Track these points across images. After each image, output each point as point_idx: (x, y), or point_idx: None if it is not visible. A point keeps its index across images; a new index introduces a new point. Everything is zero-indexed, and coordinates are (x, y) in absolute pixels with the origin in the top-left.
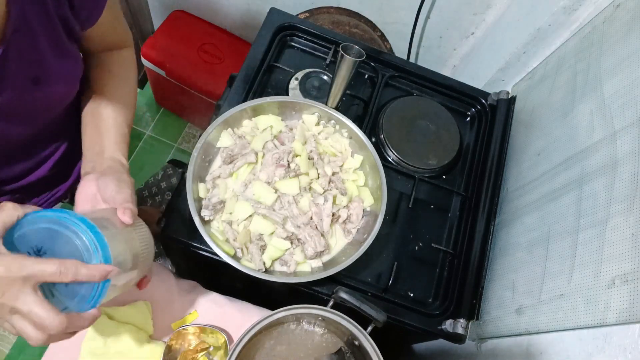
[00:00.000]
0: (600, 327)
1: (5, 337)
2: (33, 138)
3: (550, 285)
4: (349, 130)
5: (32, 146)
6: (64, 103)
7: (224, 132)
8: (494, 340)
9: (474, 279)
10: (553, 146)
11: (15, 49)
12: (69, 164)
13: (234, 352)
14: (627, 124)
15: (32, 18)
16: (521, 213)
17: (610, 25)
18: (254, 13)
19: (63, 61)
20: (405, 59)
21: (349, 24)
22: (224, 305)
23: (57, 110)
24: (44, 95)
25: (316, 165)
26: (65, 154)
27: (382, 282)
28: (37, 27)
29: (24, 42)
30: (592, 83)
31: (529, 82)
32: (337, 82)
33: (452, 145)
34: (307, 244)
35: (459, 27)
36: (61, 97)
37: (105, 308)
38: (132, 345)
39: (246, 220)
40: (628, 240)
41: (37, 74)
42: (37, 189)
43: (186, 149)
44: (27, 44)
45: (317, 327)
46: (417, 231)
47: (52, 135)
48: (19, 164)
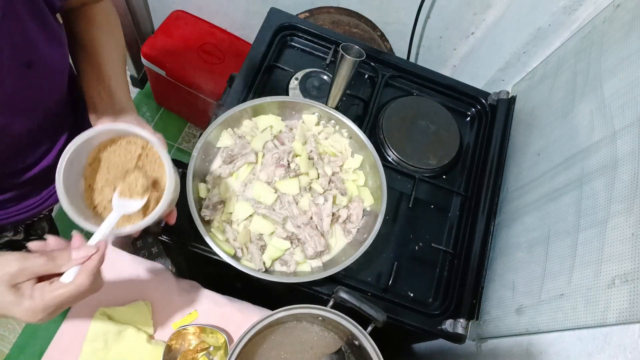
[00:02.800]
0: (600, 327)
1: (5, 337)
2: (37, 129)
3: (550, 285)
4: (349, 130)
5: (37, 137)
6: (60, 88)
7: (224, 132)
8: (494, 340)
9: (474, 279)
10: (553, 146)
11: (5, 34)
12: None
13: (234, 352)
14: (627, 124)
15: (17, 1)
16: (521, 213)
17: (610, 25)
18: (254, 13)
19: (52, 44)
20: (405, 59)
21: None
22: (224, 305)
23: (55, 97)
24: (39, 79)
25: (316, 165)
26: (67, 141)
27: (382, 282)
28: (23, 10)
29: (13, 26)
30: (592, 83)
31: (529, 82)
32: (337, 82)
33: (452, 145)
34: (307, 243)
35: (459, 27)
36: (55, 81)
37: (106, 309)
38: (132, 345)
39: (246, 220)
40: (628, 240)
41: (30, 58)
42: (44, 181)
43: (186, 149)
44: (16, 28)
45: (317, 327)
46: (417, 231)
47: (53, 124)
48: (26, 156)
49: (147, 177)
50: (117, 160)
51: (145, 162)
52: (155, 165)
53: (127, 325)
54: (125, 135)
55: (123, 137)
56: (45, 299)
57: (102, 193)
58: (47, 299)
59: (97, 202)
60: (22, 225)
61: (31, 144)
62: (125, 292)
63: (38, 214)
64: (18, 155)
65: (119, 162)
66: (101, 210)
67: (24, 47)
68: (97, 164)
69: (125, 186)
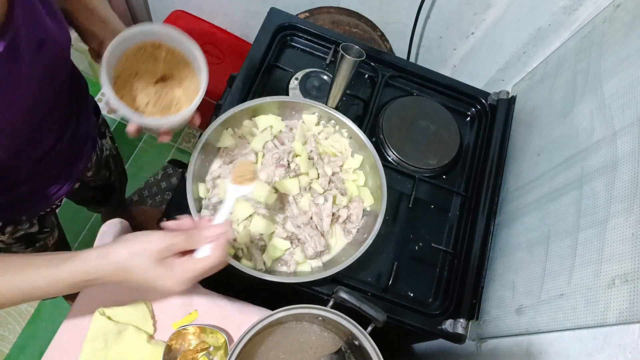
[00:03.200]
0: (600, 327)
1: (5, 337)
2: (48, 110)
3: (550, 285)
4: (349, 130)
5: (48, 120)
6: (65, 68)
7: (224, 132)
8: (494, 340)
9: (474, 279)
10: (553, 146)
11: (20, 11)
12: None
13: (234, 352)
14: (627, 124)
15: None
16: (521, 213)
17: (610, 25)
18: (254, 13)
19: (55, 22)
20: (405, 59)
21: (349, 23)
22: (224, 305)
23: (61, 76)
24: (49, 58)
25: (316, 165)
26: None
27: (382, 282)
28: None
29: (25, 4)
30: (592, 83)
31: (529, 82)
32: (337, 82)
33: (452, 145)
34: (307, 244)
35: (459, 27)
36: (61, 61)
37: (106, 309)
38: (132, 345)
39: (246, 220)
40: (628, 240)
41: (41, 37)
42: (56, 170)
43: (186, 149)
44: (27, 6)
45: (317, 327)
46: (417, 231)
47: (61, 106)
48: (39, 142)
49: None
50: (144, 67)
51: (172, 64)
52: (180, 65)
53: (127, 325)
54: (156, 38)
55: (147, 43)
56: (190, 271)
57: (135, 101)
58: (192, 270)
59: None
60: (36, 217)
61: (44, 128)
62: (125, 292)
63: (51, 204)
64: (33, 140)
65: (147, 69)
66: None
67: (35, 25)
68: (125, 73)
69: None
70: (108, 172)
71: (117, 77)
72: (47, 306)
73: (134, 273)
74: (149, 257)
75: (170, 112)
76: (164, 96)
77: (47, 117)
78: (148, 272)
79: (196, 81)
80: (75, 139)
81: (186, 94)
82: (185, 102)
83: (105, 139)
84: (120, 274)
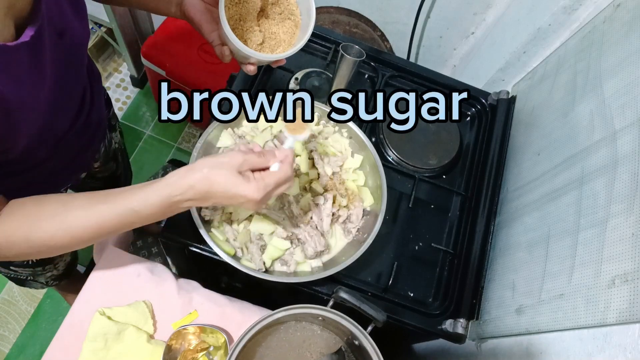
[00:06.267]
0: (600, 327)
1: (5, 337)
2: (73, 93)
3: (550, 285)
4: (349, 130)
5: (72, 102)
6: (82, 61)
7: (224, 132)
8: (494, 340)
9: (474, 278)
10: (553, 146)
11: (45, 3)
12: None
13: (234, 352)
14: (627, 124)
15: None
16: (521, 213)
17: (610, 25)
18: None
19: (77, 15)
20: (406, 59)
21: (349, 23)
22: (224, 305)
23: (80, 69)
24: (68, 49)
25: (316, 165)
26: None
27: (382, 282)
28: None
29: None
30: (592, 83)
31: (529, 82)
32: (337, 82)
33: (452, 145)
34: (307, 243)
35: (459, 27)
36: (79, 54)
37: (106, 308)
38: (132, 345)
39: (246, 220)
40: (628, 240)
41: (62, 27)
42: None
43: (186, 149)
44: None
45: (317, 327)
46: (417, 231)
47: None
48: (61, 122)
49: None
50: (245, 9)
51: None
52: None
53: (127, 325)
54: None
55: None
56: (264, 181)
57: (245, 31)
58: (266, 180)
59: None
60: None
61: (61, 112)
62: (125, 292)
63: (58, 192)
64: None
65: (248, 10)
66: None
67: (58, 15)
68: (231, 20)
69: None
70: (115, 165)
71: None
72: (47, 306)
73: (217, 183)
74: (229, 169)
75: (278, 51)
76: (269, 36)
77: (64, 103)
78: (229, 180)
79: (296, 19)
80: (87, 124)
81: (287, 34)
82: (287, 41)
83: (115, 132)
84: (205, 184)
